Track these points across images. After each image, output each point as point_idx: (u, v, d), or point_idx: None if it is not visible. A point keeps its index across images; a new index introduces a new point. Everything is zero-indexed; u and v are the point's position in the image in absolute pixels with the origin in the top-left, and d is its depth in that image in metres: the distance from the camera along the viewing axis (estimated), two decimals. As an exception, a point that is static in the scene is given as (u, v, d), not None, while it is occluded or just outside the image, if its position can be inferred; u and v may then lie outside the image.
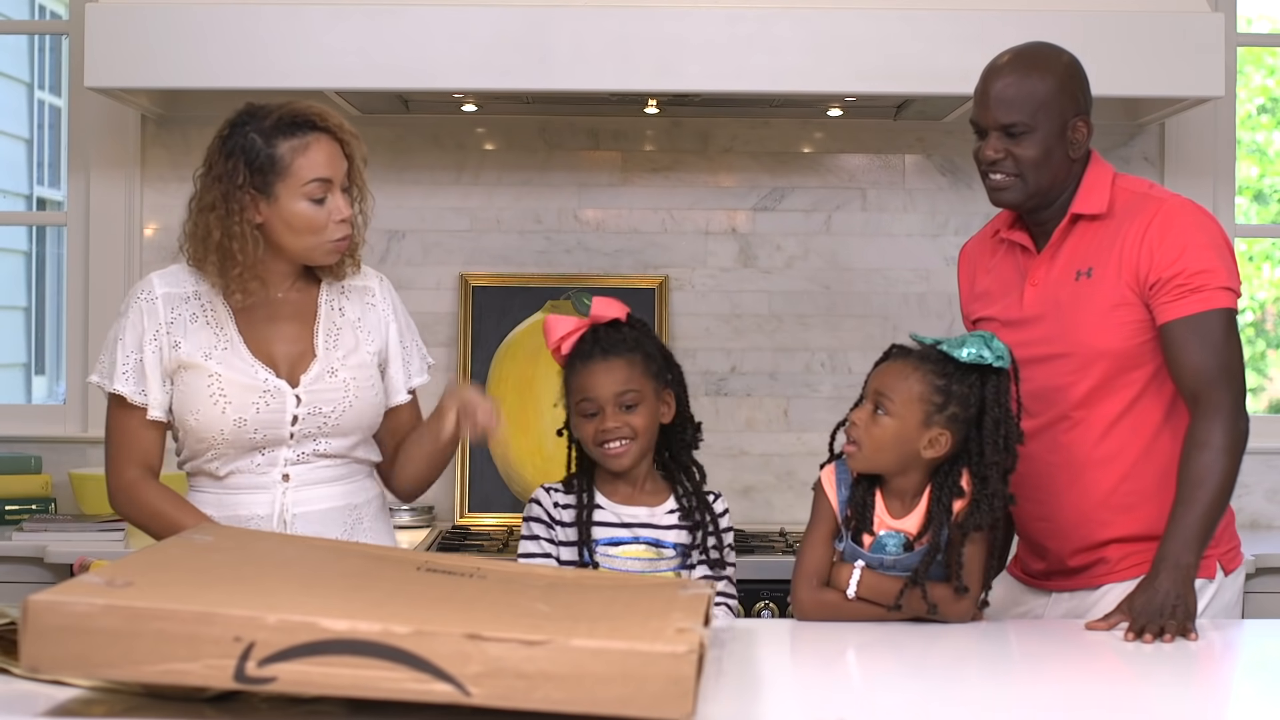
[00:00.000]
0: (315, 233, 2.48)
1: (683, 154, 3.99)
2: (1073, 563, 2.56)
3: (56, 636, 1.60)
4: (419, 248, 3.93)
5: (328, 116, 2.50)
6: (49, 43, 7.77)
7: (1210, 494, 2.34)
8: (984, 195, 3.93)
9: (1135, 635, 2.23)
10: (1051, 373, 2.50)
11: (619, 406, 2.51)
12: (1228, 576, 2.52)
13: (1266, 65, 8.91)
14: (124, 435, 2.54)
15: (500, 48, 3.37)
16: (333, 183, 2.48)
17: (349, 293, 2.62)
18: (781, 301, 3.98)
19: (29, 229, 7.50)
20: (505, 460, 3.85)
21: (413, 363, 2.67)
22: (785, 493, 3.95)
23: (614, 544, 2.52)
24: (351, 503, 2.59)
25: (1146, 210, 2.47)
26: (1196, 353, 2.39)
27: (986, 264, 2.68)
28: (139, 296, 2.55)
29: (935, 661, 2.16)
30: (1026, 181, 2.49)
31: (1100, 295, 2.46)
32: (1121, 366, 2.47)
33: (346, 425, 2.54)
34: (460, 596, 1.81)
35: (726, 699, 1.84)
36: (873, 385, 2.39)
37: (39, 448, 3.90)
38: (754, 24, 3.37)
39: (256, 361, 2.52)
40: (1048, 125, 2.47)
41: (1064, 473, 2.52)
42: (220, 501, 2.53)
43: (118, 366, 2.52)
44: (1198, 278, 2.40)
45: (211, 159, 2.49)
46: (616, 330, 2.56)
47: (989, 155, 2.50)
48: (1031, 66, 2.50)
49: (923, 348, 2.39)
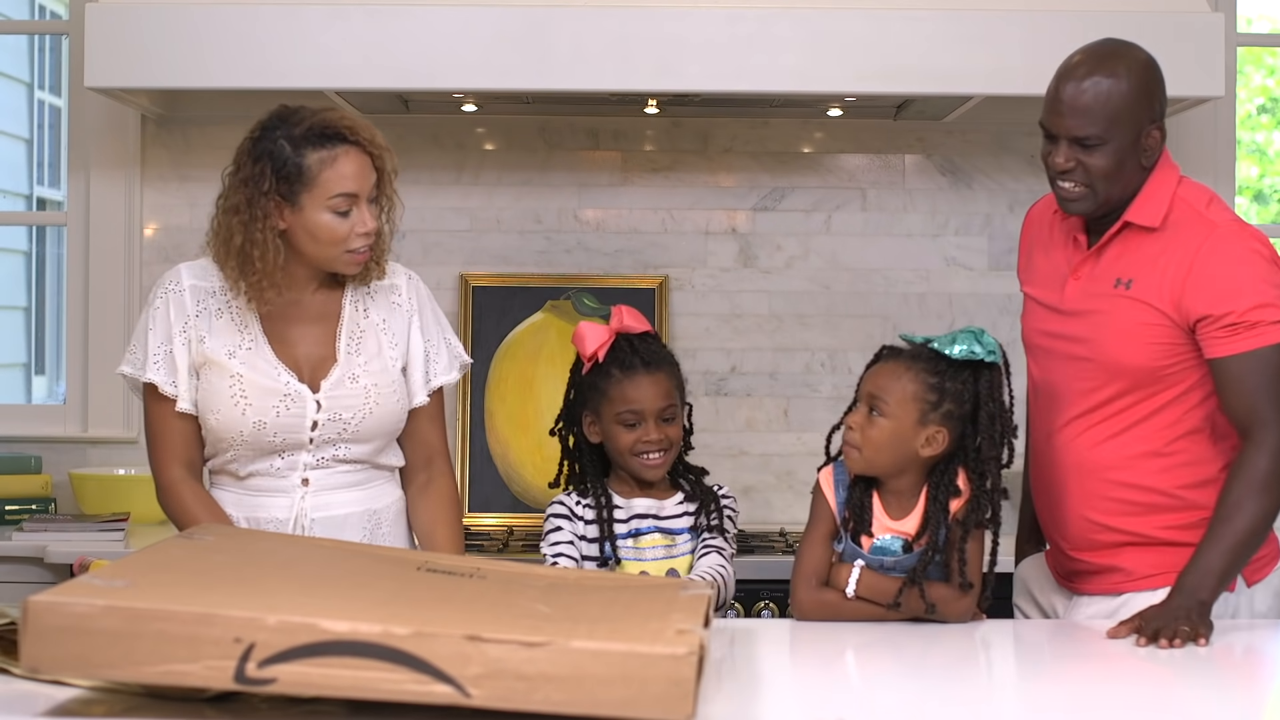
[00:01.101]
0: (336, 244, 2.47)
1: (683, 154, 3.99)
2: (1077, 564, 2.54)
3: (56, 637, 1.60)
4: (419, 248, 3.93)
5: (359, 130, 2.47)
6: (49, 43, 7.77)
7: (1238, 532, 2.31)
8: (984, 195, 3.98)
9: (1148, 640, 2.20)
10: (1074, 373, 2.48)
11: (660, 419, 2.57)
12: (1251, 587, 2.48)
13: (1266, 65, 8.91)
14: (161, 429, 2.53)
15: (500, 48, 3.37)
16: (358, 196, 2.46)
17: (375, 293, 2.61)
18: (781, 301, 3.98)
19: (29, 229, 7.50)
20: (505, 460, 3.85)
21: (440, 360, 2.64)
22: (785, 493, 3.95)
23: (633, 535, 2.59)
24: (371, 508, 2.58)
25: (1197, 233, 2.39)
26: (1250, 389, 2.35)
27: (1045, 240, 2.60)
28: (167, 287, 2.54)
29: (935, 661, 2.16)
30: (1097, 193, 2.41)
31: (1136, 311, 2.41)
32: (1145, 382, 2.43)
33: (366, 432, 2.54)
34: (460, 597, 1.81)
35: (726, 699, 1.84)
36: (866, 388, 2.39)
37: (39, 448, 3.90)
38: (754, 24, 3.37)
39: (280, 364, 2.51)
40: (1121, 137, 2.38)
41: (1072, 474, 2.50)
42: (240, 502, 2.53)
43: (149, 357, 2.51)
44: (1252, 314, 2.34)
45: (240, 160, 2.48)
46: (649, 342, 2.62)
47: (1059, 164, 2.40)
48: (1108, 72, 2.38)
49: (914, 347, 2.39)
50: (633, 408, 2.56)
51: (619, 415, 2.57)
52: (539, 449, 3.83)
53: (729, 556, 2.60)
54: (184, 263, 2.59)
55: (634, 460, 2.58)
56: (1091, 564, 2.53)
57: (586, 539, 2.59)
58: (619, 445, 2.58)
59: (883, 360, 2.40)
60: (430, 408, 2.64)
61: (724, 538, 2.61)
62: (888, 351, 2.41)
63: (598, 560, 2.57)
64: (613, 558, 2.56)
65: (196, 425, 2.53)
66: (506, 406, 3.88)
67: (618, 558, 2.57)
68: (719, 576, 2.53)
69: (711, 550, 2.59)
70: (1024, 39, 3.36)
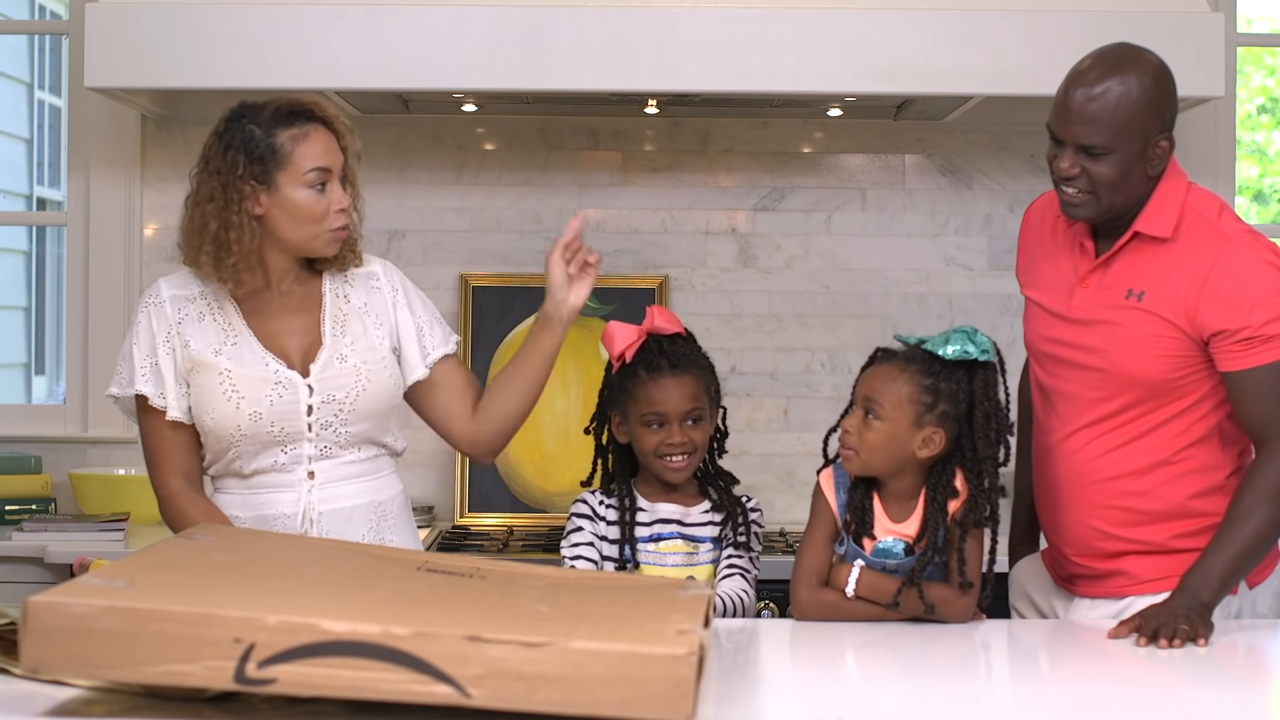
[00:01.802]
0: (316, 221, 2.48)
1: (683, 154, 3.99)
2: (1079, 569, 2.54)
3: (57, 638, 1.60)
4: (419, 248, 3.93)
5: (324, 107, 2.51)
6: (49, 43, 7.77)
7: (1246, 538, 2.31)
8: (984, 195, 3.98)
9: (1148, 640, 2.20)
10: (1083, 382, 2.47)
11: (685, 421, 2.56)
12: (1253, 589, 2.48)
13: (1266, 65, 8.91)
14: (155, 442, 2.54)
15: (500, 48, 3.37)
16: (331, 172, 2.48)
17: (353, 280, 2.61)
18: (781, 301, 3.98)
19: (29, 229, 7.51)
20: (505, 460, 3.85)
21: (434, 335, 2.64)
22: (785, 493, 3.95)
23: (654, 540, 2.58)
24: (376, 500, 2.59)
25: (1212, 247, 2.37)
26: (1264, 401, 2.35)
27: (1048, 244, 2.57)
28: (147, 302, 2.55)
29: (935, 661, 2.16)
30: (1100, 200, 2.38)
31: (1148, 323, 2.39)
32: (1154, 393, 2.42)
33: (362, 410, 2.54)
34: (460, 597, 1.81)
35: (726, 699, 1.84)
36: (861, 390, 2.39)
37: (39, 448, 3.90)
38: (753, 24, 3.37)
39: (268, 353, 2.51)
40: (1129, 147, 2.35)
41: (1077, 481, 2.49)
42: (246, 501, 2.53)
43: (136, 371, 2.52)
44: (1267, 328, 2.33)
45: (209, 154, 2.49)
46: (678, 344, 2.60)
47: (1064, 170, 2.37)
48: (1119, 80, 2.34)
49: (908, 348, 2.39)
50: (656, 409, 2.55)
51: (643, 416, 2.56)
52: (539, 449, 3.83)
53: (752, 580, 2.59)
54: (162, 278, 2.59)
55: (657, 462, 2.57)
56: (1095, 569, 2.52)
57: (608, 540, 2.59)
58: (643, 447, 2.58)
59: (877, 363, 2.40)
60: (453, 363, 2.64)
61: (749, 557, 2.59)
62: (882, 354, 2.41)
63: (616, 562, 2.57)
64: (631, 560, 2.56)
65: (191, 434, 2.54)
66: (506, 406, 3.87)
67: (636, 561, 2.56)
68: (739, 602, 2.52)
69: (736, 573, 2.57)
70: (1024, 39, 3.36)
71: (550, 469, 3.85)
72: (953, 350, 2.33)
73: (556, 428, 3.84)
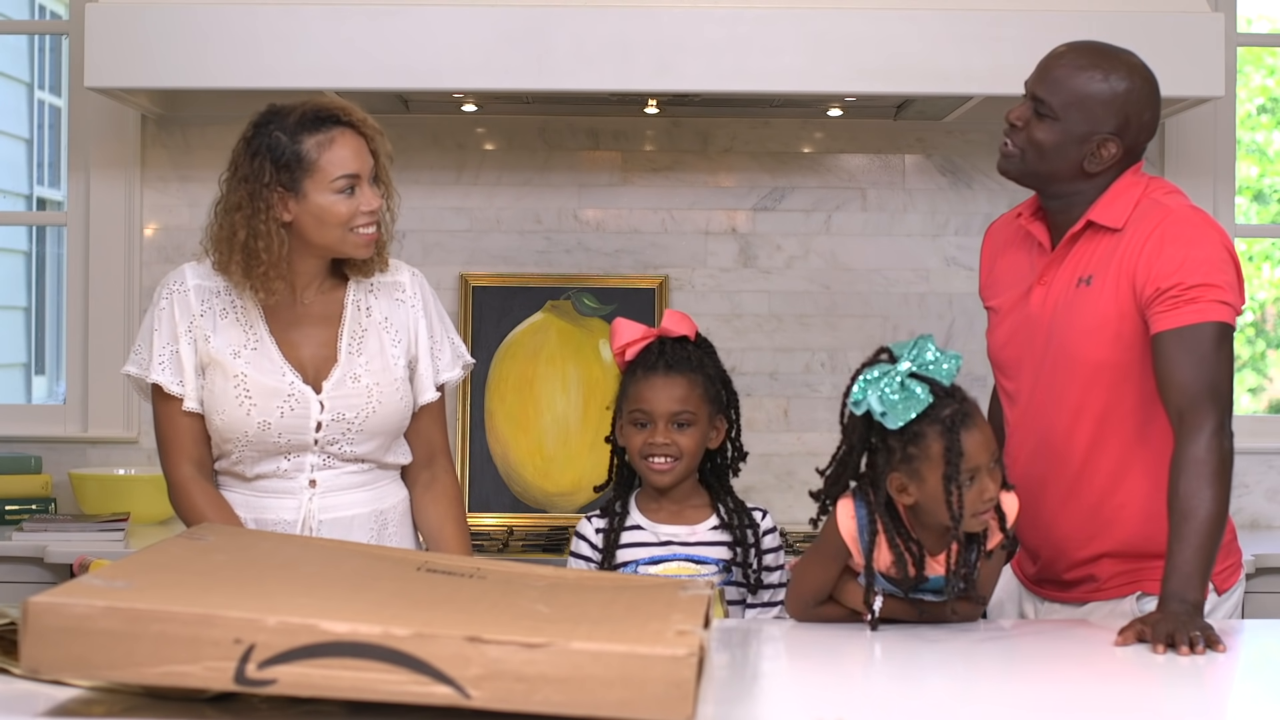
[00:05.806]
0: (344, 224, 2.47)
1: (683, 154, 3.99)
2: (1066, 576, 2.53)
3: (57, 638, 1.60)
4: (419, 248, 3.93)
5: (351, 111, 2.49)
6: (49, 43, 7.77)
7: (1203, 525, 2.23)
8: (984, 196, 3.98)
9: (1166, 647, 2.13)
10: (1045, 380, 2.46)
11: (672, 424, 2.52)
12: (1221, 595, 2.46)
13: (1266, 65, 8.91)
14: (169, 428, 2.53)
15: (500, 48, 3.37)
16: (360, 177, 2.47)
17: (377, 290, 2.60)
18: (781, 301, 3.98)
19: (29, 229, 7.50)
20: (505, 460, 3.85)
21: (443, 357, 2.64)
22: (785, 493, 3.95)
23: (654, 562, 2.54)
24: (378, 508, 2.58)
25: (1151, 218, 2.38)
26: (1184, 367, 2.29)
27: (1006, 251, 2.59)
28: (172, 287, 2.54)
29: (935, 661, 2.16)
30: (1025, 160, 2.43)
31: (1096, 304, 2.39)
32: (1111, 379, 2.39)
33: (371, 429, 2.54)
34: (460, 598, 1.81)
35: (726, 699, 1.84)
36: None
37: (39, 448, 3.90)
38: (753, 24, 3.37)
39: (285, 364, 2.51)
40: (1073, 124, 2.38)
41: (1055, 486, 2.48)
42: (248, 504, 2.54)
43: (155, 357, 2.51)
44: (1194, 290, 2.30)
45: (237, 160, 2.48)
46: (682, 347, 2.57)
47: (1012, 116, 2.44)
48: (1093, 64, 2.40)
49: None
50: (642, 407, 2.52)
51: (631, 414, 2.54)
52: (539, 449, 3.83)
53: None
54: (188, 263, 2.58)
55: (642, 464, 2.54)
56: (1070, 578, 2.52)
57: (603, 567, 2.54)
58: (631, 447, 2.55)
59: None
60: (433, 406, 2.64)
61: (767, 598, 2.54)
62: (885, 356, 2.33)
63: None
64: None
65: (204, 423, 2.54)
66: (506, 406, 3.88)
67: None
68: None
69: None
70: (1024, 39, 3.36)
71: (550, 469, 3.84)
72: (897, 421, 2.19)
73: (557, 428, 3.84)
